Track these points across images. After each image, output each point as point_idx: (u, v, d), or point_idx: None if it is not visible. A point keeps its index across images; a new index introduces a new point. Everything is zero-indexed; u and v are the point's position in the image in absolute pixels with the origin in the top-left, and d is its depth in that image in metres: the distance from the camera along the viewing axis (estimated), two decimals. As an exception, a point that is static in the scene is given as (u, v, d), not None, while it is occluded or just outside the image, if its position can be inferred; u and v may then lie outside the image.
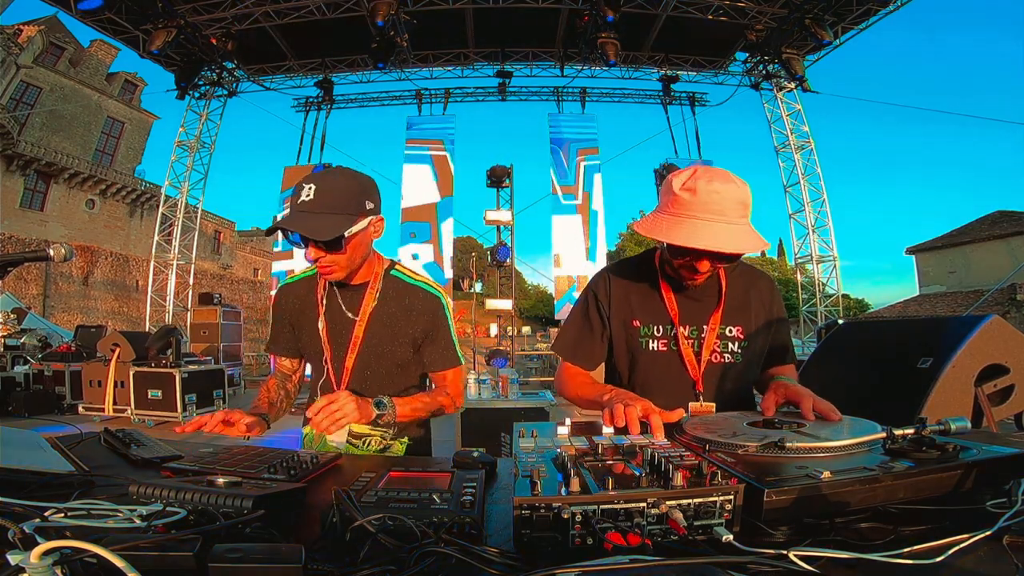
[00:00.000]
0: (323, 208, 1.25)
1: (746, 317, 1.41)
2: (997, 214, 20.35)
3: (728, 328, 1.40)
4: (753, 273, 1.50)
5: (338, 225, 1.25)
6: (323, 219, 1.24)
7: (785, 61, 10.14)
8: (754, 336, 1.41)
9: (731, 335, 1.40)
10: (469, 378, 5.08)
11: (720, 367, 1.39)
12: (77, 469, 1.04)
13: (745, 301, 1.42)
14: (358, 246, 1.34)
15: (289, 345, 1.58)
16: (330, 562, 0.62)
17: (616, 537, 0.62)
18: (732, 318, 1.40)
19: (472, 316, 13.05)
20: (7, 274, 1.14)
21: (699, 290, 1.39)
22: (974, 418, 1.63)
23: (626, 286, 1.45)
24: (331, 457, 1.17)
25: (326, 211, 1.25)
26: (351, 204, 1.29)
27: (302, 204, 1.25)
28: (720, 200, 1.19)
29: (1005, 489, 0.73)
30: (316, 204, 1.24)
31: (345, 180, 1.31)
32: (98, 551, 0.52)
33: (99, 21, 9.39)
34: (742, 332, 1.40)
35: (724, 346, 1.39)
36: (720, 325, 1.39)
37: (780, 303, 1.48)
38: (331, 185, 1.28)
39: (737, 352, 1.40)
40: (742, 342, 1.40)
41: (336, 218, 1.26)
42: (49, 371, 7.53)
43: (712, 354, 1.38)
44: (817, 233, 11.97)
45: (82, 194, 23.84)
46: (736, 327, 1.40)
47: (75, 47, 23.60)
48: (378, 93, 12.57)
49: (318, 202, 1.25)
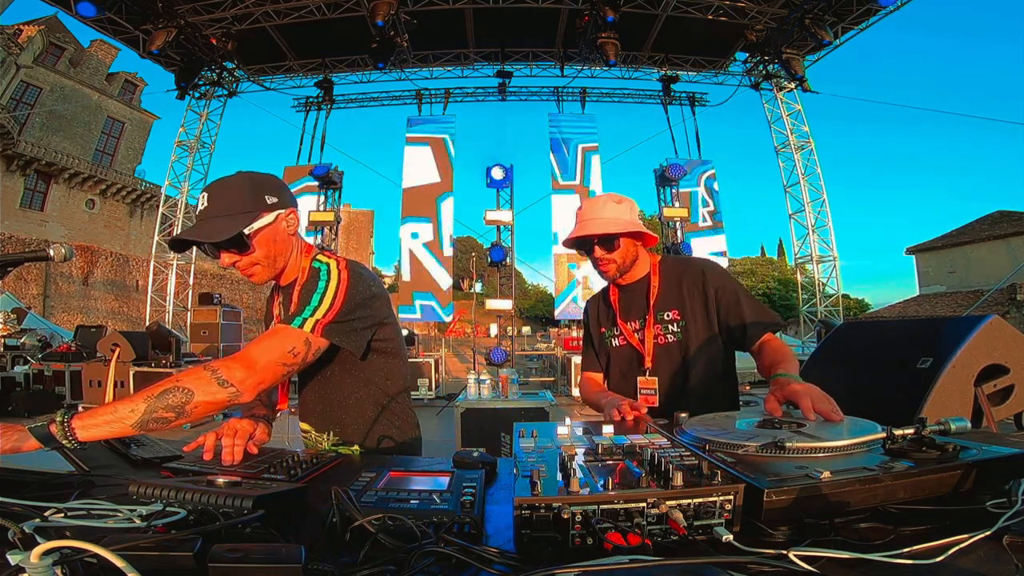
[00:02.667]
0: (218, 212, 1.24)
1: (679, 300, 1.65)
2: (997, 214, 20.34)
3: (664, 313, 1.65)
4: (683, 263, 1.77)
5: (234, 225, 1.23)
6: (218, 223, 1.23)
7: (785, 61, 10.14)
8: (691, 315, 1.63)
9: (668, 319, 1.65)
10: (469, 378, 5.07)
11: (666, 347, 1.64)
12: (77, 469, 1.04)
13: (676, 287, 1.66)
14: (270, 242, 1.30)
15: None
16: (330, 562, 0.62)
17: (616, 537, 0.62)
18: (666, 304, 1.65)
19: (472, 316, 13.05)
20: (7, 274, 1.14)
21: (636, 289, 1.71)
22: (974, 418, 1.63)
23: (596, 307, 1.85)
24: (331, 457, 1.17)
25: (221, 215, 1.24)
26: (247, 203, 1.27)
27: (199, 213, 1.26)
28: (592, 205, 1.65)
29: (1005, 489, 0.73)
30: (211, 210, 1.24)
31: (238, 181, 1.30)
32: (98, 551, 0.52)
33: (99, 21, 9.39)
34: (678, 314, 1.64)
35: (665, 328, 1.65)
36: (656, 312, 1.65)
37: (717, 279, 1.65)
38: (224, 190, 1.28)
39: (677, 332, 1.64)
40: (679, 322, 1.63)
41: (231, 220, 1.24)
42: (49, 371, 7.53)
43: (657, 337, 1.65)
44: (817, 233, 11.98)
45: (82, 194, 23.85)
46: (671, 311, 1.65)
47: (75, 47, 23.61)
48: (378, 93, 12.60)
49: (212, 208, 1.24)
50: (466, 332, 20.18)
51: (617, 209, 1.62)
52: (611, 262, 1.64)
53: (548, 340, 14.62)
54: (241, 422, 1.22)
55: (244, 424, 1.22)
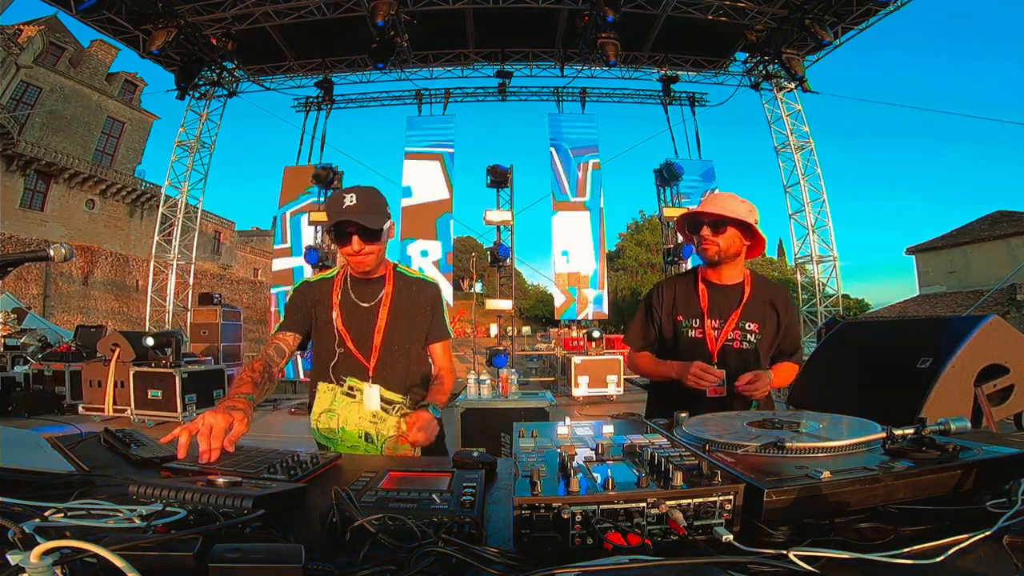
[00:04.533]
0: (367, 209, 1.61)
1: (762, 316, 1.83)
2: (997, 214, 20.33)
3: (747, 323, 1.82)
4: (773, 285, 1.95)
5: (381, 220, 1.64)
6: (370, 217, 1.61)
7: (785, 61, 10.13)
8: (767, 332, 1.83)
9: (749, 328, 1.82)
10: (469, 378, 5.08)
11: (736, 351, 1.81)
12: (77, 469, 1.04)
13: (764, 304, 1.85)
14: (384, 242, 1.70)
15: (301, 324, 1.78)
16: (330, 562, 0.62)
17: (616, 537, 0.62)
18: (750, 315, 1.82)
19: (472, 316, 13.05)
20: (7, 274, 1.14)
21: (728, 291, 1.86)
22: (974, 418, 1.63)
23: (673, 293, 1.94)
24: (331, 457, 1.17)
25: (370, 211, 1.61)
26: (383, 208, 1.68)
27: (349, 208, 1.59)
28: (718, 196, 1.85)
29: (1005, 489, 0.73)
30: (361, 207, 1.60)
31: (374, 192, 1.68)
32: (98, 551, 0.52)
33: (99, 21, 9.38)
34: (758, 328, 1.82)
35: (743, 336, 1.82)
36: (740, 319, 1.82)
37: (794, 310, 1.92)
38: (367, 194, 1.64)
39: (752, 342, 1.82)
40: (757, 335, 1.82)
41: (378, 216, 1.63)
42: (49, 371, 7.52)
43: (732, 341, 1.81)
44: (817, 233, 11.96)
45: (82, 194, 23.83)
46: (754, 323, 1.82)
47: (75, 47, 23.59)
48: (378, 93, 12.57)
49: (362, 205, 1.60)
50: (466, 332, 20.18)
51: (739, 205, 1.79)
52: (714, 244, 1.79)
53: (548, 340, 14.61)
54: (216, 417, 1.17)
55: (218, 420, 1.17)
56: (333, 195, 1.63)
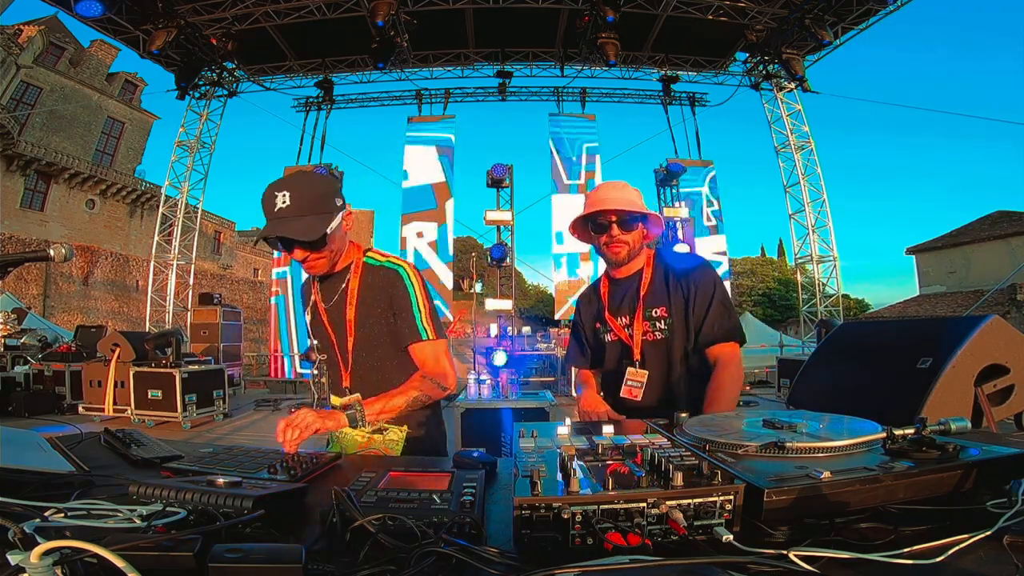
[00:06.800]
0: (302, 211, 1.34)
1: (666, 297, 1.64)
2: (997, 214, 20.34)
3: (653, 310, 1.64)
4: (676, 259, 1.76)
5: (320, 225, 1.35)
6: (304, 222, 1.34)
7: (785, 61, 10.13)
8: (677, 313, 1.63)
9: (656, 315, 1.64)
10: (469, 378, 5.07)
11: (654, 344, 1.64)
12: (77, 469, 1.04)
13: (665, 283, 1.66)
14: (337, 240, 1.45)
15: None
16: (330, 562, 0.62)
17: (616, 537, 0.62)
18: (654, 301, 1.65)
19: (472, 316, 13.04)
20: (7, 274, 1.14)
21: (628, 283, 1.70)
22: (974, 418, 1.63)
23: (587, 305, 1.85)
24: (331, 457, 1.17)
25: (306, 213, 1.34)
26: (326, 204, 1.38)
27: (280, 211, 1.33)
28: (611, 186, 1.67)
29: (1005, 489, 0.73)
30: (294, 209, 1.33)
31: (314, 182, 1.41)
32: (98, 551, 0.52)
33: (99, 21, 9.37)
34: (665, 311, 1.64)
35: (653, 325, 1.64)
36: (644, 308, 1.64)
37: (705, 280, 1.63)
38: (303, 189, 1.36)
39: (665, 329, 1.64)
40: (667, 319, 1.63)
41: (316, 219, 1.35)
42: (49, 371, 7.52)
43: (645, 334, 1.65)
44: (817, 233, 11.96)
45: (82, 194, 23.83)
46: (659, 308, 1.64)
47: (75, 47, 23.59)
48: (378, 93, 12.58)
49: (295, 207, 1.33)
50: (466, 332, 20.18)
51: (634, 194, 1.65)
52: (624, 244, 1.63)
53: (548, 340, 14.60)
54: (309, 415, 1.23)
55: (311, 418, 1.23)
56: (265, 192, 1.34)
